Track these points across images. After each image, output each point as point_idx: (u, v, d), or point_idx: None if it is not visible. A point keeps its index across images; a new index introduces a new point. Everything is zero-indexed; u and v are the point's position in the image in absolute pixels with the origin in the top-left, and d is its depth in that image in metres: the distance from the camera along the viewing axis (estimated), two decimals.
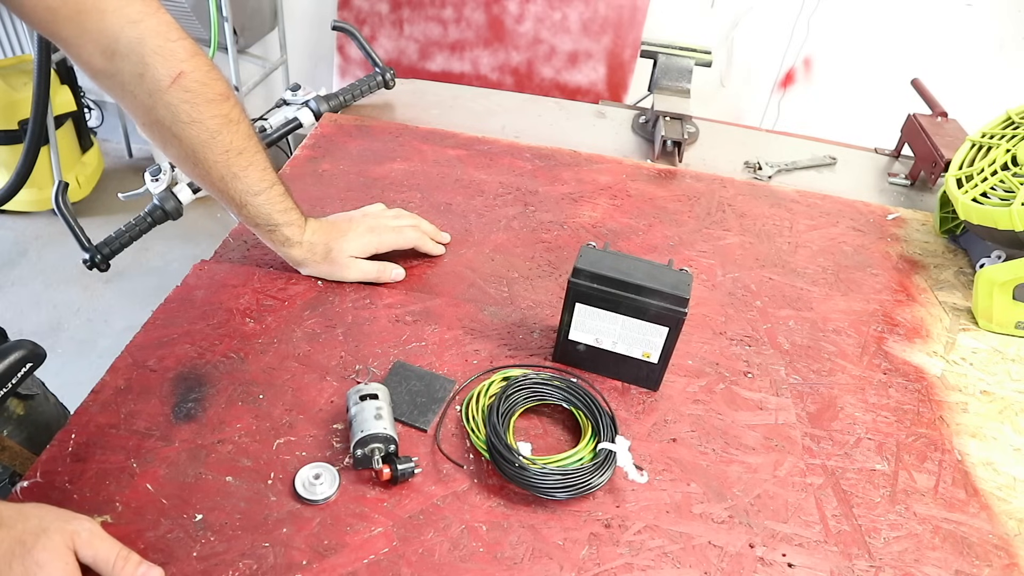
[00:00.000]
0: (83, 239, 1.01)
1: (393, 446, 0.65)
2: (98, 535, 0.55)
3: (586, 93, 2.31)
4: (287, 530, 0.61)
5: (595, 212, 1.06)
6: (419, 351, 0.79)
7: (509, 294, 0.89)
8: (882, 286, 0.99)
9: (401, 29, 2.33)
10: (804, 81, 2.39)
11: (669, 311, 0.72)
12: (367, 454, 0.65)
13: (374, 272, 0.87)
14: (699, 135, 1.31)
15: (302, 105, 1.21)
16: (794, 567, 0.63)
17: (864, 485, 0.71)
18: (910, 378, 0.85)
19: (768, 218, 1.09)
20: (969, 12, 2.17)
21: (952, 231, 1.10)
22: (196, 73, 0.73)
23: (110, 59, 0.70)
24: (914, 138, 1.25)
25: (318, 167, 1.09)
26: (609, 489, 0.67)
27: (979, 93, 1.90)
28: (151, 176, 1.06)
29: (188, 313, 0.81)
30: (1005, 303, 0.92)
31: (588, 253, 0.74)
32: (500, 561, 0.61)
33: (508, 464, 0.65)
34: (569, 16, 2.23)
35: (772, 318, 0.91)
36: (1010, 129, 1.03)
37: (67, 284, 2.30)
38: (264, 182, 0.81)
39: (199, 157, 0.77)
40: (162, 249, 2.44)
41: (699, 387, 0.80)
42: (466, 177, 1.10)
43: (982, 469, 0.74)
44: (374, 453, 0.65)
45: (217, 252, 0.92)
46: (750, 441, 0.74)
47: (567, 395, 0.73)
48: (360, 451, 0.65)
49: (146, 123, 0.76)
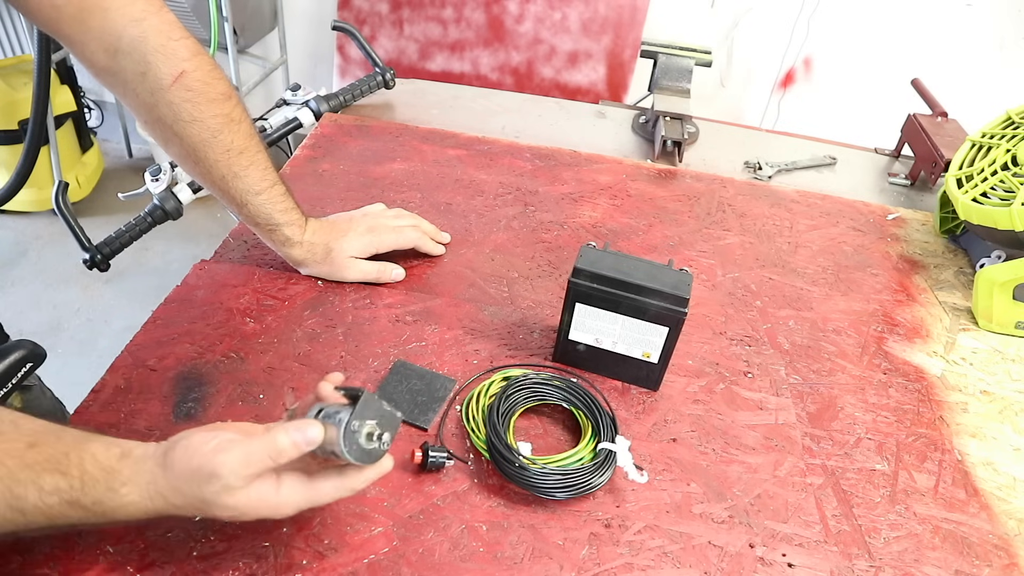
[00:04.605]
0: (83, 239, 1.01)
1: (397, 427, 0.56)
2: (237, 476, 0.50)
3: (586, 93, 2.31)
4: (287, 530, 0.61)
5: (595, 212, 1.06)
6: (419, 351, 0.79)
7: (509, 294, 0.89)
8: (882, 286, 0.99)
9: (401, 29, 2.33)
10: (804, 81, 2.39)
11: (669, 311, 0.72)
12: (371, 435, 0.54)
13: (374, 272, 0.87)
14: (699, 135, 1.31)
15: (302, 105, 1.21)
16: (794, 567, 0.63)
17: (864, 485, 0.71)
18: (910, 378, 0.85)
19: (768, 218, 1.09)
20: (969, 12, 2.17)
21: (952, 231, 1.10)
22: (198, 72, 0.73)
23: (113, 57, 0.71)
24: (914, 138, 1.25)
25: (318, 167, 1.09)
26: (609, 489, 0.67)
27: (979, 93, 1.90)
28: (151, 176, 1.06)
29: (188, 313, 0.81)
30: (1005, 303, 0.92)
31: (588, 253, 0.74)
32: (500, 561, 0.61)
33: (508, 464, 0.65)
34: (569, 16, 2.23)
35: (772, 318, 0.91)
36: (1010, 129, 1.03)
37: (67, 284, 2.30)
38: (265, 182, 0.81)
39: (200, 156, 0.77)
40: (162, 249, 2.44)
41: (699, 387, 0.80)
42: (466, 177, 1.10)
43: (982, 469, 0.74)
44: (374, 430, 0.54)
45: (217, 252, 0.92)
46: (750, 441, 0.74)
47: (567, 395, 0.73)
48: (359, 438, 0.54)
49: (148, 121, 0.76)
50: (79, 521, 0.51)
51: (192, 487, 0.50)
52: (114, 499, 0.50)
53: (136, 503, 0.51)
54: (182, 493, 0.51)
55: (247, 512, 0.52)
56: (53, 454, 0.50)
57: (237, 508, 0.51)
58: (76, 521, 0.51)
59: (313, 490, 0.54)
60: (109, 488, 0.50)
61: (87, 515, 0.50)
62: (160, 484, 0.51)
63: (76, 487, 0.50)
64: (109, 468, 0.51)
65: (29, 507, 0.49)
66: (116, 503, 0.50)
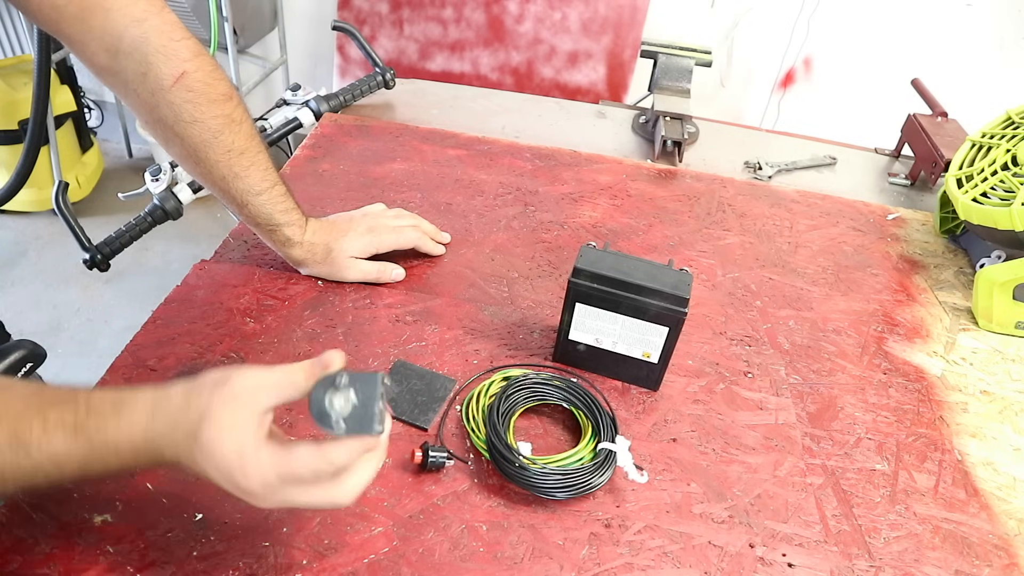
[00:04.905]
0: (83, 239, 1.01)
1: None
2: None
3: (586, 93, 2.31)
4: (287, 530, 0.61)
5: (595, 212, 1.06)
6: (419, 351, 0.80)
7: (509, 294, 0.89)
8: (882, 286, 0.99)
9: (401, 29, 2.33)
10: (804, 81, 2.39)
11: (669, 311, 0.72)
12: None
13: (374, 272, 0.88)
14: (699, 135, 1.31)
15: (302, 105, 1.21)
16: (794, 567, 0.63)
17: (864, 485, 0.71)
18: (910, 378, 0.85)
19: (768, 218, 1.10)
20: (969, 12, 2.17)
21: (952, 231, 1.10)
22: (199, 73, 0.73)
23: (114, 57, 0.71)
24: (914, 138, 1.25)
25: (318, 167, 1.09)
26: (609, 489, 0.68)
27: (979, 93, 1.90)
28: (151, 176, 1.06)
29: (188, 313, 0.81)
30: (1005, 303, 0.92)
31: (588, 253, 0.74)
32: (500, 561, 0.61)
33: (508, 464, 0.65)
34: (569, 16, 2.23)
35: (772, 318, 0.91)
36: (1010, 129, 1.03)
37: (67, 284, 2.30)
38: (265, 182, 0.81)
39: (201, 156, 0.77)
40: (162, 249, 2.44)
41: (699, 387, 0.80)
42: (466, 177, 1.11)
43: (982, 469, 0.74)
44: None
45: (217, 252, 0.92)
46: (750, 441, 0.74)
47: (567, 395, 0.73)
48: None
49: (149, 121, 0.76)
50: (82, 463, 0.50)
51: (197, 399, 0.50)
52: (119, 422, 0.50)
53: (138, 423, 0.50)
54: (186, 407, 0.50)
55: (221, 450, 0.48)
56: (59, 393, 0.51)
57: (217, 439, 0.48)
58: (79, 462, 0.50)
59: (288, 454, 0.50)
60: (115, 411, 0.50)
61: (89, 448, 0.49)
62: (166, 403, 0.50)
63: (81, 413, 0.50)
64: (116, 397, 0.51)
65: (33, 444, 0.49)
66: (119, 424, 0.50)
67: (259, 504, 0.51)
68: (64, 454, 0.49)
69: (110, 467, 0.51)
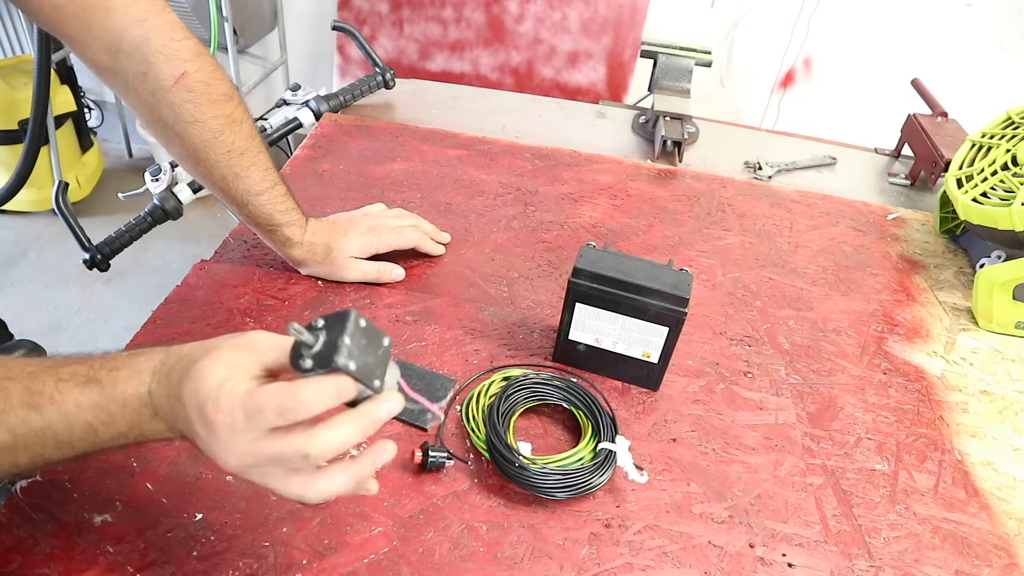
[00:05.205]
0: (83, 239, 1.01)
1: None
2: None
3: (586, 93, 2.31)
4: (287, 529, 0.61)
5: (595, 212, 1.06)
6: (419, 351, 0.80)
7: (509, 294, 0.89)
8: (882, 286, 0.99)
9: (401, 29, 2.33)
10: (804, 81, 2.39)
11: (669, 311, 0.72)
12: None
13: (374, 272, 0.88)
14: (699, 135, 1.31)
15: (302, 105, 1.21)
16: (794, 567, 0.63)
17: (864, 485, 0.71)
18: (910, 378, 0.85)
19: (768, 218, 1.10)
20: (969, 12, 2.17)
21: (952, 231, 1.10)
22: (199, 73, 0.73)
23: (114, 57, 0.71)
24: (914, 138, 1.25)
25: (318, 167, 1.09)
26: (609, 489, 0.68)
27: (979, 93, 1.90)
28: (151, 176, 1.06)
29: (188, 313, 0.81)
30: (1005, 303, 0.92)
31: (588, 253, 0.74)
32: (500, 561, 0.61)
33: (508, 464, 0.65)
34: (569, 16, 2.23)
35: (772, 318, 0.91)
36: (1010, 129, 1.03)
37: (67, 284, 2.30)
38: (266, 182, 0.81)
39: (201, 156, 0.77)
40: (162, 249, 2.44)
41: (699, 387, 0.80)
42: (466, 177, 1.11)
43: (982, 469, 0.74)
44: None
45: (217, 252, 0.92)
46: (750, 441, 0.74)
47: (567, 395, 0.73)
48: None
49: (149, 121, 0.76)
50: (91, 419, 0.49)
51: (211, 342, 0.50)
52: (133, 363, 0.50)
53: (147, 364, 0.50)
54: (200, 345, 0.50)
55: (207, 375, 0.47)
56: (76, 356, 0.52)
57: (210, 365, 0.47)
58: (87, 419, 0.49)
59: (256, 389, 0.46)
60: (130, 356, 0.51)
61: (100, 397, 0.49)
62: (180, 348, 0.51)
63: (96, 365, 0.50)
64: (129, 353, 0.52)
65: (45, 395, 0.49)
66: (132, 367, 0.50)
67: (223, 457, 0.47)
68: (74, 406, 0.49)
69: (116, 426, 0.50)
